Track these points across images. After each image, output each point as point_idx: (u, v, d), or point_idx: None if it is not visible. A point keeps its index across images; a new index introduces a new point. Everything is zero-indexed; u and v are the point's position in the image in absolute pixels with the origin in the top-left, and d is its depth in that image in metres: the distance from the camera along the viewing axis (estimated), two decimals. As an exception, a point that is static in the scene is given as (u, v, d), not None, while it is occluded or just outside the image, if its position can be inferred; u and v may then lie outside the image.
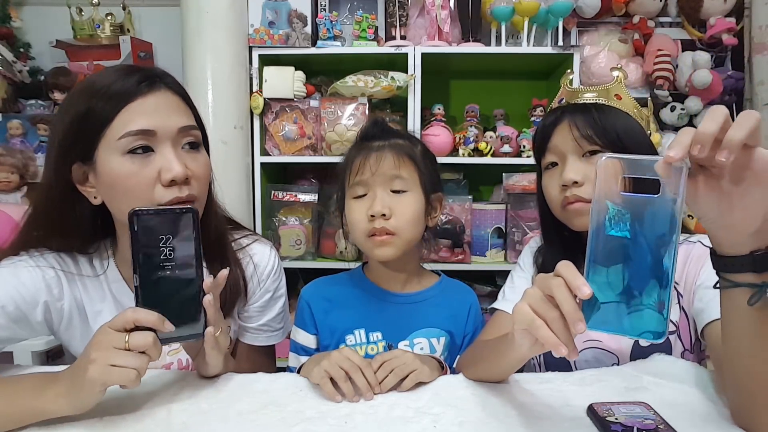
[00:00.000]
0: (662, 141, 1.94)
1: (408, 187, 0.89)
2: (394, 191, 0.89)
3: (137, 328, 0.63)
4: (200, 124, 0.84)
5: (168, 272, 0.66)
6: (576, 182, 0.83)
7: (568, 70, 1.06)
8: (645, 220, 0.49)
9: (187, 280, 0.67)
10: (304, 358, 0.95)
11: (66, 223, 0.81)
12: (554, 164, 0.89)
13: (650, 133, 0.92)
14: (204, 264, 0.86)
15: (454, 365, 0.92)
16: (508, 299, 0.95)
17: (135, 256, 0.64)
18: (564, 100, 0.92)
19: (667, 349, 0.84)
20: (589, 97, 0.89)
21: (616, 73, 0.92)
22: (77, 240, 0.83)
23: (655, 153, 0.89)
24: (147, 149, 0.74)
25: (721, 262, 0.55)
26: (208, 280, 0.69)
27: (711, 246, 0.57)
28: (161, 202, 0.74)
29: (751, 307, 0.54)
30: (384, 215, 0.87)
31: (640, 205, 0.49)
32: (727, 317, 0.58)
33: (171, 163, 0.74)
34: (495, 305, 0.96)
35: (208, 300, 0.68)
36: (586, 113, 0.85)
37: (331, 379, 0.72)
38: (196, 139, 0.79)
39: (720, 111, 0.48)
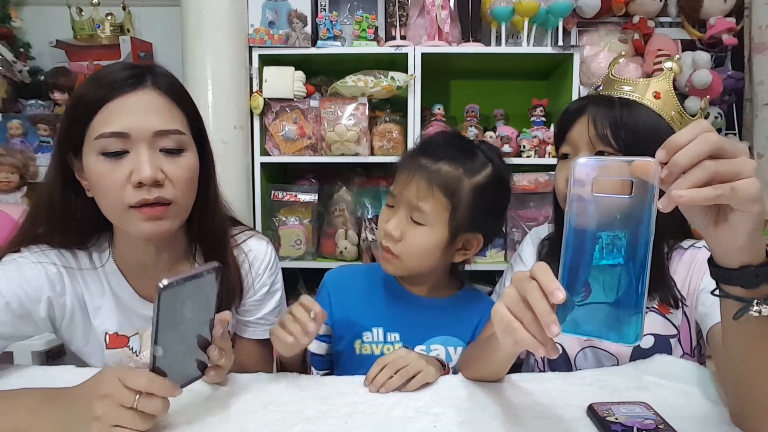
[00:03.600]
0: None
1: (427, 221, 0.83)
2: (413, 219, 0.85)
3: None
4: (197, 126, 0.83)
5: (185, 330, 0.63)
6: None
7: (622, 51, 0.98)
8: (619, 220, 0.48)
9: (201, 332, 0.66)
10: (313, 344, 0.96)
11: (68, 215, 0.81)
12: (567, 156, 0.87)
13: None
14: (201, 263, 0.88)
15: (457, 365, 0.92)
16: None
17: (158, 330, 0.59)
18: (600, 87, 0.87)
19: (666, 352, 0.84)
20: (626, 90, 0.83)
21: (669, 65, 0.84)
22: (78, 234, 0.84)
23: None
24: (121, 153, 0.74)
25: (714, 271, 0.55)
26: (217, 330, 0.67)
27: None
28: (130, 203, 0.74)
29: (736, 321, 0.54)
30: (394, 237, 0.85)
31: (614, 206, 0.48)
32: (724, 324, 0.59)
33: (141, 165, 0.73)
34: (493, 298, 0.96)
35: (214, 354, 0.67)
36: (610, 110, 0.80)
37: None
38: (177, 144, 0.77)
39: (704, 142, 0.47)
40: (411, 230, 0.84)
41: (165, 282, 0.58)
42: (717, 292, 0.56)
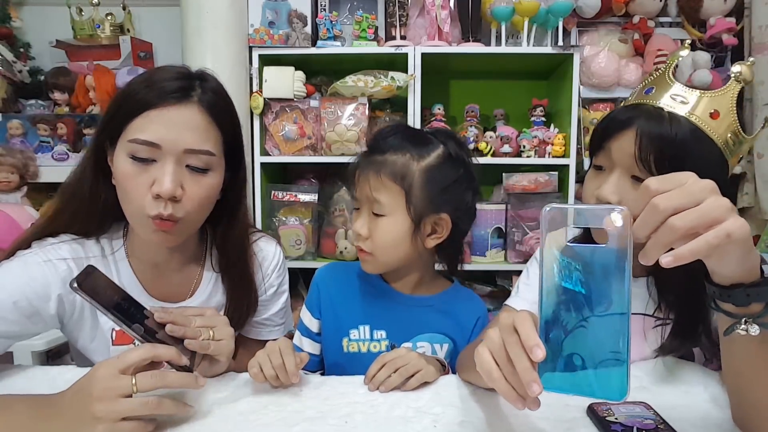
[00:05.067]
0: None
1: (386, 211, 0.85)
2: (374, 213, 0.87)
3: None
4: (233, 145, 0.84)
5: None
6: (609, 203, 0.74)
7: (687, 41, 0.82)
8: (596, 270, 0.47)
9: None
10: (306, 340, 0.97)
11: (93, 196, 0.82)
12: (602, 168, 0.79)
13: (741, 158, 0.75)
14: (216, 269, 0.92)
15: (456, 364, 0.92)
16: (521, 296, 0.92)
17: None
18: (653, 90, 0.76)
19: (689, 359, 0.82)
20: (679, 108, 0.71)
21: (737, 69, 0.70)
22: (96, 222, 0.85)
23: (727, 190, 0.78)
24: (149, 160, 0.76)
25: (708, 286, 0.55)
26: (157, 314, 0.70)
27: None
28: (148, 213, 0.75)
29: (726, 336, 0.54)
30: (362, 235, 0.87)
31: (590, 255, 0.47)
32: (720, 337, 0.59)
33: (163, 179, 0.75)
34: (507, 302, 0.94)
35: (171, 329, 0.70)
36: (661, 133, 0.70)
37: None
38: (204, 164, 0.79)
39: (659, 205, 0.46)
40: (375, 224, 0.86)
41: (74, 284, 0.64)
42: (711, 305, 0.56)
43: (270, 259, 0.96)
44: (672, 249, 0.47)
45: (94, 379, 0.59)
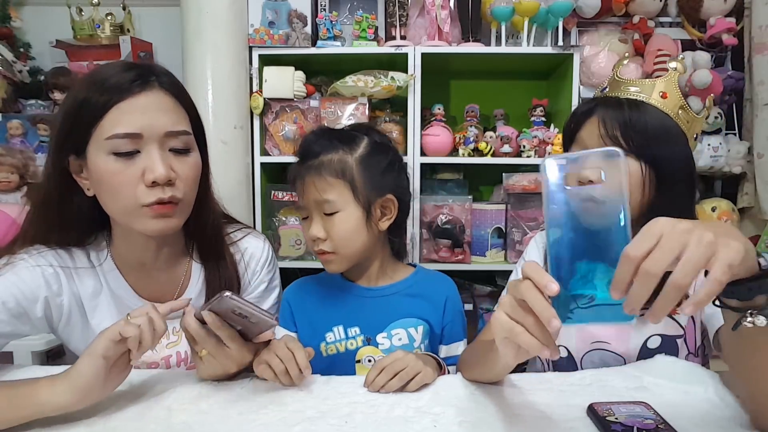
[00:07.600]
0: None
1: (338, 207, 0.88)
2: (326, 214, 0.89)
3: None
4: (197, 124, 0.84)
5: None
6: (591, 181, 0.81)
7: (626, 53, 0.97)
8: (593, 210, 0.49)
9: None
10: None
11: (65, 215, 0.82)
12: None
13: (696, 136, 0.86)
14: (198, 259, 0.92)
15: (456, 365, 0.92)
16: None
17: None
18: (607, 89, 0.89)
19: (673, 352, 0.84)
20: (632, 91, 0.84)
21: (674, 65, 0.86)
22: (75, 232, 0.85)
23: (690, 158, 0.85)
24: (132, 153, 0.75)
25: None
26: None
27: None
28: (144, 202, 0.75)
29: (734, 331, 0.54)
30: (320, 238, 0.89)
31: (588, 195, 0.50)
32: (725, 332, 0.60)
33: (155, 165, 0.75)
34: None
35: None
36: (619, 111, 0.82)
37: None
38: (185, 145, 0.79)
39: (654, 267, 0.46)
40: (330, 224, 0.89)
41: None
42: (716, 302, 0.56)
43: (258, 255, 0.96)
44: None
45: None
